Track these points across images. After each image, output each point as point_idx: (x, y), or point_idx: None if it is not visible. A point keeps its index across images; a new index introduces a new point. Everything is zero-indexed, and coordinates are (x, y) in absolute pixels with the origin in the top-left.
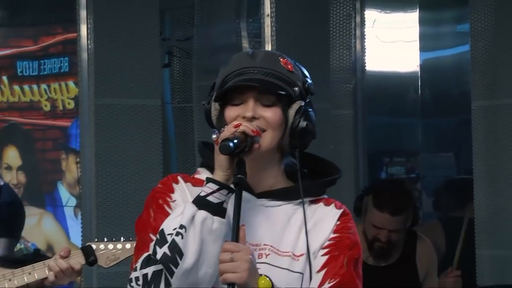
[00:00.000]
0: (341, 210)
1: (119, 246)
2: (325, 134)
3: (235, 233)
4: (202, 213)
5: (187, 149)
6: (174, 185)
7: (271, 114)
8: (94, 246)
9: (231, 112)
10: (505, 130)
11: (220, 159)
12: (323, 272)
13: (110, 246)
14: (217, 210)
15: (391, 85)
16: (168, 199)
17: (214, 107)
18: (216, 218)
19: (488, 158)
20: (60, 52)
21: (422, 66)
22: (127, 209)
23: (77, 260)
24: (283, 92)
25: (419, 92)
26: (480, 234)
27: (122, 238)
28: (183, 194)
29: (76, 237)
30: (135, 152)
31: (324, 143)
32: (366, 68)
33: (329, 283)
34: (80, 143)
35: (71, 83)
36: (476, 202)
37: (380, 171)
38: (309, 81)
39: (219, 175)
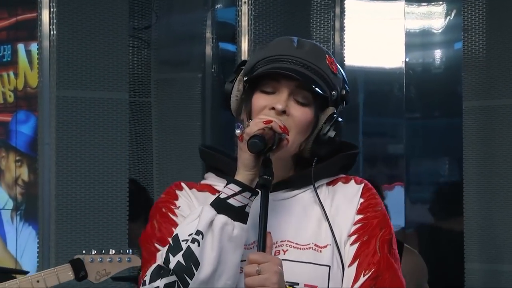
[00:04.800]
0: (362, 185)
1: (109, 259)
2: None
3: (262, 241)
4: (222, 218)
5: (144, 147)
6: (178, 192)
7: (301, 114)
8: (83, 259)
9: (260, 100)
10: (499, 133)
11: (245, 158)
12: (355, 264)
13: (100, 259)
14: (239, 214)
15: (373, 81)
16: (172, 207)
17: (238, 87)
18: (237, 223)
19: (480, 164)
20: (4, 39)
21: (408, 63)
22: (92, 212)
23: (66, 275)
24: (322, 93)
25: (404, 90)
26: (470, 247)
27: (112, 250)
28: (188, 200)
29: (12, 244)
30: (99, 150)
31: None
32: (345, 62)
33: (364, 275)
34: (38, 139)
35: (12, 74)
36: (466, 213)
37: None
38: (348, 88)
39: (242, 175)
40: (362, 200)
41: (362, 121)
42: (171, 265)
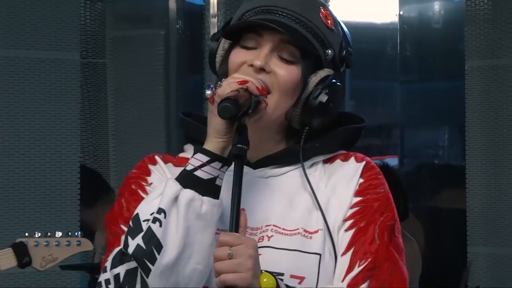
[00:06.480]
0: (363, 163)
1: (55, 242)
2: None
3: (234, 220)
4: (188, 193)
5: (98, 116)
6: (151, 167)
7: (285, 72)
8: (26, 243)
9: (238, 55)
10: (506, 97)
11: (216, 123)
12: (350, 252)
13: (45, 242)
14: (208, 188)
15: (363, 39)
16: (143, 183)
17: (223, 46)
18: (206, 198)
19: (485, 134)
20: None
21: (402, 17)
22: (34, 189)
23: (7, 261)
24: (310, 49)
25: (398, 49)
26: (473, 229)
27: (58, 233)
28: (162, 176)
29: None
30: (46, 119)
31: None
32: None
33: (359, 266)
34: None
35: None
36: (469, 191)
37: None
38: (350, 49)
39: (212, 143)
40: (361, 180)
41: (350, 85)
42: (130, 249)
